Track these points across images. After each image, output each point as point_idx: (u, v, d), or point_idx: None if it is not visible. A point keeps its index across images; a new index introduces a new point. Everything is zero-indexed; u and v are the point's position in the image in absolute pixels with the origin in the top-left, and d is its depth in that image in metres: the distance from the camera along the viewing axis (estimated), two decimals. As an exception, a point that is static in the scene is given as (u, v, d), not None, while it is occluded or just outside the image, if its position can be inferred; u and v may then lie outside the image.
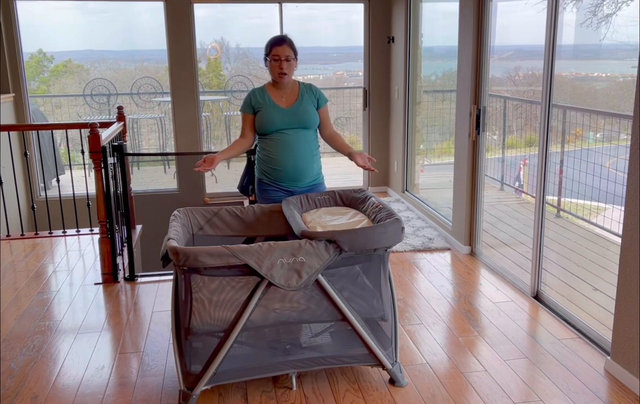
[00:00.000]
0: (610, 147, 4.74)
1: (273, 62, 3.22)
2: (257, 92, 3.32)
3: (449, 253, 4.78)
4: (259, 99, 3.29)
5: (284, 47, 3.21)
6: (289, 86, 3.31)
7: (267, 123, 3.25)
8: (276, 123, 3.24)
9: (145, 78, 8.81)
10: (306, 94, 3.35)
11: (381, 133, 6.85)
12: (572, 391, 2.79)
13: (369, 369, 2.98)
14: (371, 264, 2.75)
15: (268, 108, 3.26)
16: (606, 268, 4.38)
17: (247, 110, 3.32)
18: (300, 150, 3.30)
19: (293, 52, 3.26)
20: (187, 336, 2.61)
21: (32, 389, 2.87)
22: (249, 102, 3.31)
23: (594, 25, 4.35)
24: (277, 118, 3.25)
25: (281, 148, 3.26)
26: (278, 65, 3.21)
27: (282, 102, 3.29)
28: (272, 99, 3.28)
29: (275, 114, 3.25)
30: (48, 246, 5.04)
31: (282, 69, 3.21)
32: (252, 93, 3.32)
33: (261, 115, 3.26)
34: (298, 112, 3.29)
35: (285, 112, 3.27)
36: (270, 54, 3.23)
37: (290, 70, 3.25)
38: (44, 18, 8.94)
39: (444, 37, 5.63)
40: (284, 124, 3.26)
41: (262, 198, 3.38)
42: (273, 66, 3.23)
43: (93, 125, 4.10)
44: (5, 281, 4.28)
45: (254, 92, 3.32)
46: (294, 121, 3.27)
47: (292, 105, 3.29)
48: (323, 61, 11.39)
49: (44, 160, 6.58)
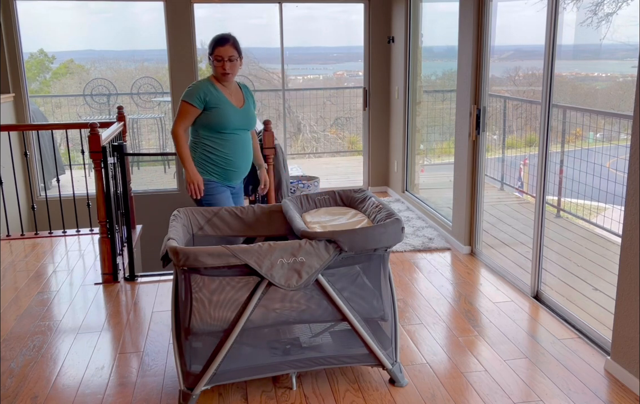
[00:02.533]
0: (610, 147, 4.74)
1: (216, 62, 3.14)
2: (209, 86, 3.18)
3: (449, 253, 4.78)
4: (213, 95, 3.17)
5: (227, 47, 3.12)
6: (232, 85, 3.27)
7: (226, 122, 3.17)
8: (233, 123, 3.19)
9: (145, 78, 8.81)
10: (248, 96, 3.35)
11: (381, 133, 6.85)
12: (572, 391, 2.79)
13: (369, 369, 2.98)
14: (371, 264, 2.75)
15: (226, 107, 3.18)
16: (606, 268, 4.38)
17: (195, 103, 3.16)
18: (248, 150, 3.35)
19: (237, 52, 3.18)
20: (187, 336, 2.61)
21: (32, 389, 2.87)
22: (200, 95, 3.15)
23: (594, 25, 4.35)
24: (235, 118, 3.20)
25: (237, 149, 3.23)
26: (221, 65, 3.13)
27: (234, 101, 3.24)
28: (226, 97, 3.21)
29: (234, 114, 3.20)
30: (48, 246, 5.04)
31: (224, 69, 3.13)
32: (204, 86, 3.17)
33: (219, 113, 3.16)
34: (248, 114, 3.28)
35: (239, 112, 3.23)
36: (213, 53, 3.14)
37: (233, 70, 3.18)
38: (45, 18, 8.94)
39: (444, 37, 5.63)
40: (238, 124, 3.21)
41: (211, 197, 3.30)
42: (216, 66, 3.15)
43: (93, 125, 4.10)
44: (5, 281, 4.28)
45: (206, 86, 3.18)
46: (246, 122, 3.26)
47: (242, 106, 3.27)
48: (323, 61, 11.39)
49: (44, 160, 6.58)
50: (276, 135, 4.18)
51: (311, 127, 10.16)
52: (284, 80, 7.09)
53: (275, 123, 7.98)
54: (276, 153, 4.04)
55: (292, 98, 9.64)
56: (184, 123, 3.18)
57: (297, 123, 10.05)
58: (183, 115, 3.16)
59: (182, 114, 3.16)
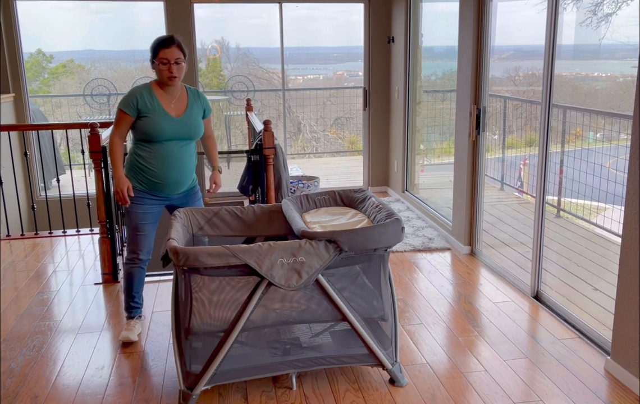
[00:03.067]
0: (610, 147, 4.74)
1: (161, 66, 2.94)
2: (145, 93, 3.00)
3: (449, 253, 4.78)
4: (147, 103, 2.98)
5: (173, 49, 2.93)
6: (177, 91, 3.07)
7: (155, 132, 2.98)
8: (165, 133, 2.99)
9: (146, 78, 8.80)
10: (195, 103, 3.11)
11: (381, 133, 6.85)
12: (572, 391, 2.79)
13: (369, 369, 2.98)
14: (371, 264, 2.75)
15: (158, 116, 2.98)
16: (606, 268, 4.38)
17: (129, 111, 2.98)
18: (183, 163, 3.12)
19: (183, 54, 2.99)
20: (187, 336, 2.61)
21: (32, 389, 2.87)
22: (134, 103, 2.97)
23: (594, 25, 4.35)
24: (168, 128, 2.99)
25: (165, 162, 3.04)
26: (167, 68, 2.93)
27: (172, 109, 3.03)
28: (162, 105, 3.00)
29: (166, 123, 2.99)
30: (48, 246, 5.04)
31: (171, 73, 2.94)
32: (138, 93, 2.99)
33: (149, 122, 2.97)
34: (187, 123, 3.06)
35: (175, 122, 3.02)
36: (157, 56, 2.93)
37: (180, 73, 2.99)
38: (44, 18, 8.94)
39: (444, 37, 5.63)
40: (172, 135, 3.02)
41: (136, 205, 3.14)
42: (161, 70, 2.95)
43: (93, 125, 4.10)
44: (5, 281, 4.28)
45: (141, 93, 2.99)
46: (183, 132, 3.05)
47: (182, 115, 3.05)
48: (323, 61, 11.39)
49: (44, 160, 6.58)
50: (276, 135, 4.18)
51: (311, 127, 10.16)
52: (284, 80, 7.09)
53: (275, 123, 7.99)
54: (276, 153, 4.04)
55: (292, 98, 9.64)
56: (119, 131, 3.03)
57: (297, 123, 10.06)
58: (117, 122, 3.02)
59: (117, 121, 3.02)
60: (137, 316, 3.41)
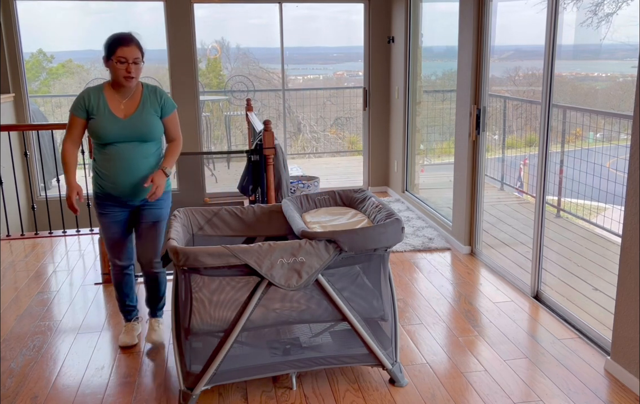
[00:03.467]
0: (610, 147, 4.74)
1: (118, 64, 2.78)
2: (93, 94, 2.88)
3: (449, 253, 4.78)
4: (93, 103, 2.86)
5: (132, 47, 2.78)
6: (131, 90, 2.91)
7: (100, 134, 2.86)
8: (111, 135, 2.85)
9: (145, 78, 8.80)
10: (149, 101, 2.93)
11: (381, 133, 6.85)
12: (572, 391, 2.79)
13: (369, 369, 2.98)
14: (371, 264, 2.75)
15: (102, 117, 2.85)
16: (606, 268, 4.38)
17: (78, 113, 2.87)
18: (136, 166, 2.92)
19: (141, 53, 2.85)
20: (187, 336, 2.62)
21: (32, 389, 2.87)
22: (82, 104, 2.87)
23: (594, 25, 4.35)
24: (112, 129, 2.85)
25: (115, 165, 2.90)
26: (125, 68, 2.78)
27: (120, 110, 2.88)
28: (109, 106, 2.87)
29: (110, 125, 2.85)
30: (48, 246, 5.04)
31: (129, 73, 2.79)
32: (86, 94, 2.87)
33: (95, 124, 2.86)
34: (136, 124, 2.89)
35: (121, 123, 2.87)
36: (114, 55, 2.77)
37: (137, 73, 2.85)
38: (44, 18, 8.94)
39: (444, 37, 5.63)
40: (119, 137, 2.87)
41: (98, 213, 3.04)
42: (118, 69, 2.79)
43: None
44: (5, 281, 4.28)
45: (89, 93, 2.88)
46: (131, 133, 2.88)
47: (131, 115, 2.89)
48: (323, 61, 11.38)
49: (44, 160, 6.58)
50: (276, 135, 4.18)
51: (311, 127, 10.16)
52: (284, 80, 7.09)
53: (275, 123, 7.99)
54: (276, 153, 4.04)
55: (292, 98, 9.64)
56: (69, 135, 2.91)
57: (297, 123, 10.05)
58: (68, 126, 2.91)
59: (68, 125, 2.91)
60: (134, 319, 3.38)
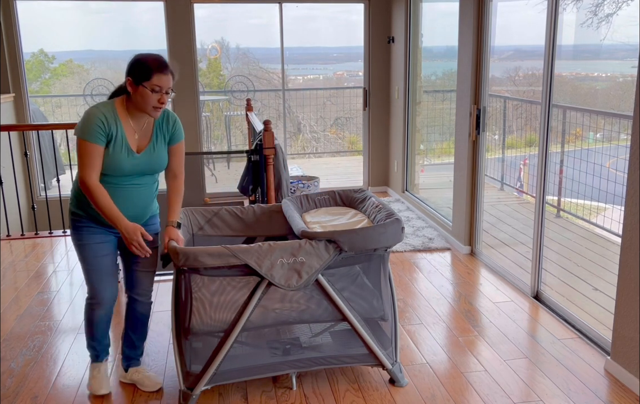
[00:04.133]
0: (610, 147, 4.74)
1: (151, 92, 2.39)
2: (109, 118, 2.43)
3: (449, 253, 4.78)
4: (112, 131, 2.43)
5: (169, 76, 2.43)
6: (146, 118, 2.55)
7: (112, 168, 2.47)
8: (124, 171, 2.49)
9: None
10: (161, 130, 2.59)
11: (381, 133, 6.85)
12: (572, 391, 2.79)
13: (369, 369, 2.98)
14: (371, 264, 2.75)
15: (119, 150, 2.46)
16: (606, 268, 4.38)
17: (98, 140, 2.40)
18: (140, 200, 2.61)
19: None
20: (187, 336, 2.62)
21: (32, 389, 2.87)
22: (102, 129, 2.40)
23: (594, 25, 4.35)
24: (126, 166, 2.49)
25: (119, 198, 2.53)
26: (158, 98, 2.42)
27: (134, 141, 2.51)
28: (126, 136, 2.47)
29: (125, 160, 2.48)
30: (48, 246, 5.04)
31: (163, 103, 2.44)
32: (103, 118, 2.41)
33: (109, 157, 2.45)
34: (149, 160, 2.56)
35: (136, 159, 2.51)
36: (150, 81, 2.38)
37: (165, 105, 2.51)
38: (45, 18, 8.94)
39: (444, 37, 5.63)
40: (131, 172, 2.52)
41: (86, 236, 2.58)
42: (149, 97, 2.40)
43: (93, 125, 4.09)
44: (5, 281, 4.28)
45: (105, 117, 2.42)
46: (143, 170, 2.56)
47: (145, 149, 2.54)
48: (323, 61, 11.39)
49: (44, 160, 6.58)
50: (276, 135, 4.18)
51: (311, 127, 10.16)
52: (284, 80, 7.09)
53: (275, 123, 7.99)
54: (276, 153, 4.04)
55: (292, 98, 9.65)
56: (94, 168, 2.41)
57: (297, 123, 10.06)
58: (85, 157, 2.40)
59: (84, 156, 2.40)
60: (104, 359, 2.84)
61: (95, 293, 2.64)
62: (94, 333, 2.74)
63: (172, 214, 2.67)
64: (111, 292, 2.67)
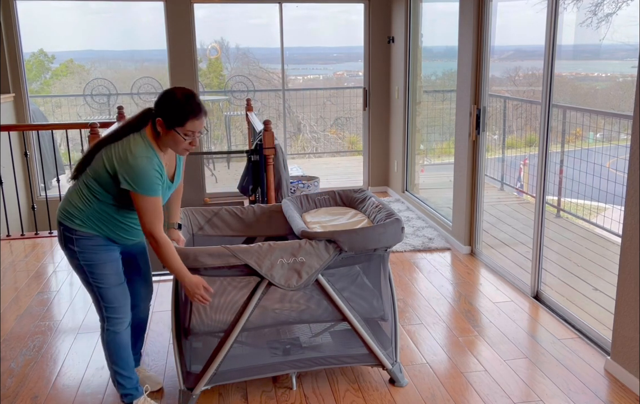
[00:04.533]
0: (610, 147, 4.74)
1: (184, 137, 2.32)
2: (158, 162, 2.34)
3: (449, 253, 4.78)
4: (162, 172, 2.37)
5: (203, 119, 2.35)
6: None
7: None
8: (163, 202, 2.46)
9: (146, 79, 8.80)
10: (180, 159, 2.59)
11: (381, 133, 6.85)
12: (572, 391, 2.79)
13: (369, 369, 2.98)
14: (371, 264, 2.75)
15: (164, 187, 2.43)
16: (606, 268, 4.38)
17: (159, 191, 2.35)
18: None
19: None
20: (187, 336, 2.62)
21: (32, 389, 2.87)
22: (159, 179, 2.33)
23: (594, 25, 4.35)
24: (166, 197, 2.49)
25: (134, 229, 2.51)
26: (190, 142, 2.35)
27: (168, 172, 2.50)
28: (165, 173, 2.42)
29: (166, 193, 2.48)
30: (48, 246, 5.04)
31: (194, 146, 2.38)
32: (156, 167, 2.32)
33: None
34: (177, 183, 2.58)
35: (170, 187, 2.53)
36: (184, 127, 2.29)
37: None
38: (45, 18, 8.94)
39: (444, 37, 5.63)
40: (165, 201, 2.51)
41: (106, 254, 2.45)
42: (181, 141, 2.33)
43: (93, 125, 4.10)
44: (5, 281, 4.28)
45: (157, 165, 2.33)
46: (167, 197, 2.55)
47: (174, 175, 2.55)
48: (323, 61, 11.39)
49: (44, 160, 6.58)
50: (276, 135, 4.18)
51: (311, 127, 10.16)
52: (284, 80, 7.09)
53: (275, 123, 7.98)
54: (276, 153, 4.04)
55: (292, 98, 9.64)
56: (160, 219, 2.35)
57: (297, 123, 10.05)
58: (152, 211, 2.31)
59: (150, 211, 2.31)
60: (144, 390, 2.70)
61: (119, 309, 2.51)
62: (128, 358, 2.58)
63: (172, 216, 2.72)
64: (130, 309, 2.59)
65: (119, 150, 2.32)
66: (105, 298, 2.47)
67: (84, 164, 2.42)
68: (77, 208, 2.39)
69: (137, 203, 2.31)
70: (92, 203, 2.38)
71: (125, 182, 2.28)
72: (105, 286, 2.45)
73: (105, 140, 2.40)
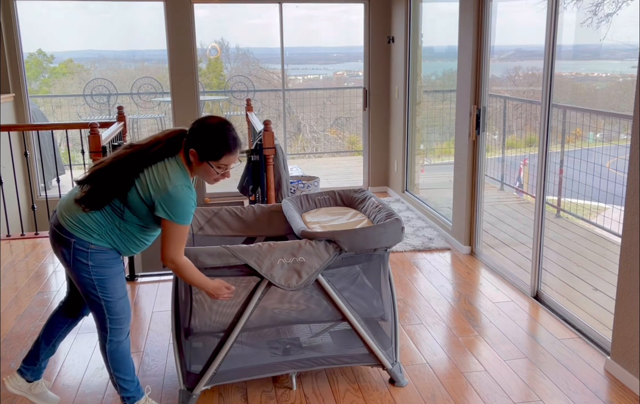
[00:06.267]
0: (610, 147, 4.74)
1: (217, 169, 2.33)
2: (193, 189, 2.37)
3: (449, 253, 4.78)
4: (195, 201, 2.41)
5: (237, 154, 2.37)
6: None
7: None
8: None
9: (146, 78, 8.81)
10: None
11: (381, 133, 6.85)
12: (572, 391, 2.79)
13: (369, 369, 2.98)
14: (371, 264, 2.75)
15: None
16: (606, 268, 4.38)
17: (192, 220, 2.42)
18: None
19: None
20: (187, 336, 2.62)
21: (32, 389, 2.87)
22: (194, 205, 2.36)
23: (594, 25, 4.35)
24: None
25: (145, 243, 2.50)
26: (222, 174, 2.38)
27: None
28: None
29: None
30: (48, 246, 5.04)
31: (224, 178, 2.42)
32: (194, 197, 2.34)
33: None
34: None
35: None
36: (219, 161, 2.30)
37: None
38: (44, 18, 8.94)
39: (444, 37, 5.63)
40: None
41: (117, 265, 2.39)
42: (214, 173, 2.35)
43: (93, 125, 4.10)
44: (5, 281, 4.28)
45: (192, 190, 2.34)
46: None
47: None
48: (323, 61, 11.39)
49: (44, 160, 6.58)
50: (276, 135, 4.18)
51: (311, 127, 10.16)
52: (284, 80, 7.09)
53: (275, 123, 7.98)
54: (276, 153, 4.04)
55: (292, 99, 9.64)
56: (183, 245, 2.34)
57: (297, 123, 10.06)
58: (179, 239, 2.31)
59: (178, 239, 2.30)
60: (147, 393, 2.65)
61: (123, 320, 2.44)
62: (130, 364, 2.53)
63: None
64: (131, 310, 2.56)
65: (155, 176, 2.26)
66: (112, 311, 2.39)
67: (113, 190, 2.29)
68: (96, 222, 2.30)
69: (167, 229, 2.27)
70: (115, 220, 2.32)
71: (162, 211, 2.24)
72: (114, 299, 2.38)
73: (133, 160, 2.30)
